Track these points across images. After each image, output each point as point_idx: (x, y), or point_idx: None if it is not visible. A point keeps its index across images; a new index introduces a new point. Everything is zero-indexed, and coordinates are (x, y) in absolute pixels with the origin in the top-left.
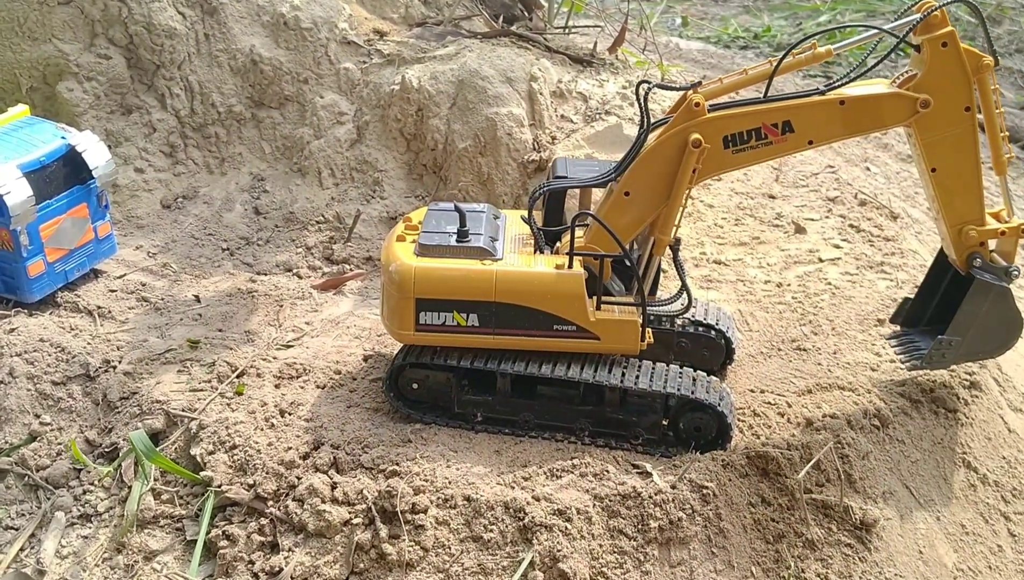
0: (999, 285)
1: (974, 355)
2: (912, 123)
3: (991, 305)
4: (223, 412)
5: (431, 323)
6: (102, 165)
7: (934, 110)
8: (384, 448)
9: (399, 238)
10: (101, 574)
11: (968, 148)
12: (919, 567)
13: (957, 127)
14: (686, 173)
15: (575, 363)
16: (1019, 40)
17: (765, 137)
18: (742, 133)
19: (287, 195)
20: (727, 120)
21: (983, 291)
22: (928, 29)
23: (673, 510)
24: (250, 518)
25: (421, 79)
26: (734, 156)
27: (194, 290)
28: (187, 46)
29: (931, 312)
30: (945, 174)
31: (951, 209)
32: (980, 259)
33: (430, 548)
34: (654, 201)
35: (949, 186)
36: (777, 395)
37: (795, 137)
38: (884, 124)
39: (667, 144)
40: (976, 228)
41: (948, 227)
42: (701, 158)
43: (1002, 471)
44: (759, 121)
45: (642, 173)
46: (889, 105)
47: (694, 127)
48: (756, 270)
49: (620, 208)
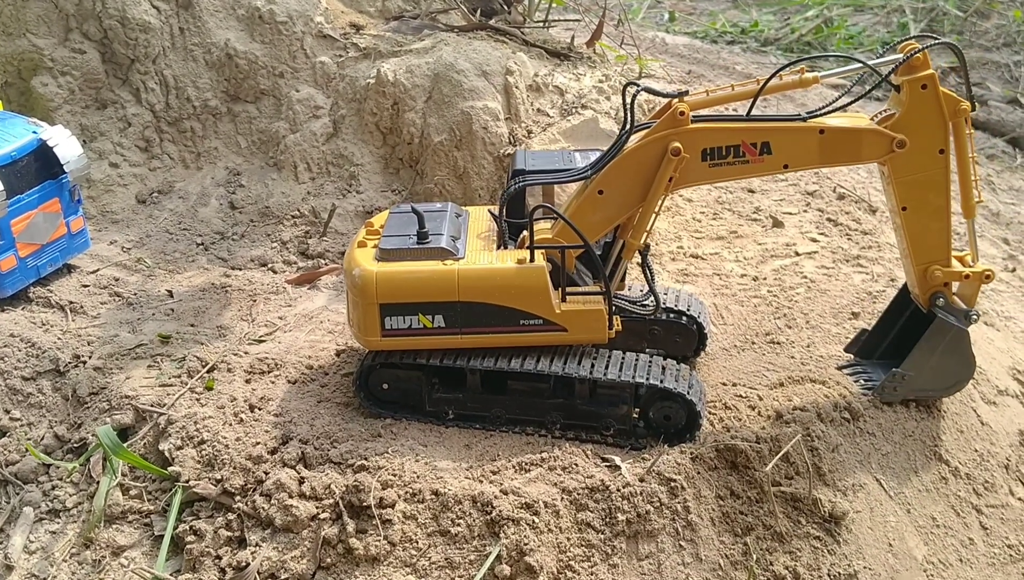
0: (958, 327)
1: (924, 392)
2: (887, 161)
3: (947, 345)
4: (192, 407)
5: (397, 327)
6: (74, 160)
7: (909, 150)
8: (353, 443)
9: (360, 244)
10: (69, 569)
11: (939, 190)
12: (889, 560)
13: (930, 169)
14: (663, 180)
15: (544, 357)
16: (1007, 34)
17: (743, 155)
18: (721, 148)
19: (263, 189)
20: (709, 133)
21: (942, 331)
22: (910, 70)
23: (641, 503)
24: (218, 513)
25: (397, 73)
26: (710, 169)
27: (168, 285)
28: (162, 40)
29: (886, 345)
30: (915, 213)
31: (918, 248)
32: (943, 299)
33: (397, 542)
34: (626, 203)
35: (918, 226)
36: (749, 388)
37: (772, 159)
38: (860, 158)
39: (647, 149)
40: (941, 268)
41: (914, 265)
42: (679, 167)
43: (974, 464)
44: (739, 138)
45: (618, 174)
46: (867, 140)
47: (676, 136)
48: (733, 264)
49: (592, 205)
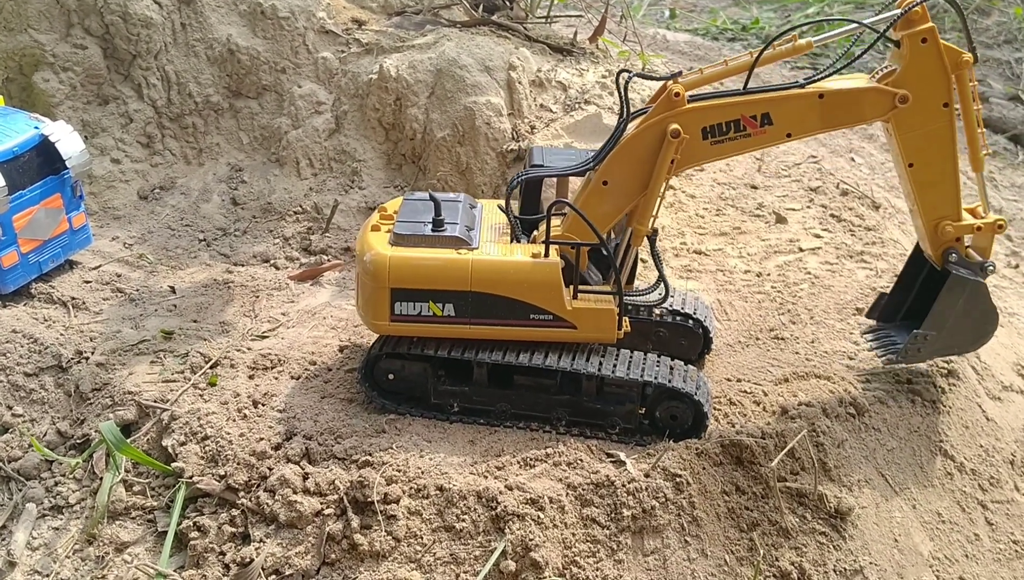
0: (974, 280)
1: (949, 349)
2: (890, 118)
3: (967, 300)
4: (195, 403)
5: (407, 313)
6: (76, 155)
7: (912, 105)
8: (357, 438)
9: (374, 228)
10: (72, 566)
11: (945, 144)
12: (894, 555)
13: (935, 123)
14: (664, 163)
15: (552, 352)
16: (1007, 31)
17: (744, 129)
18: (721, 124)
19: (265, 185)
20: (706, 111)
21: (959, 286)
22: (908, 25)
23: (646, 499)
24: (221, 509)
25: (399, 68)
26: (712, 147)
27: (170, 281)
28: (163, 36)
29: (907, 307)
30: (922, 169)
31: (927, 204)
32: (956, 254)
33: (402, 538)
34: (632, 191)
35: (926, 181)
36: (754, 384)
37: (774, 129)
38: (863, 118)
39: (646, 134)
40: (952, 224)
41: (924, 222)
42: (680, 149)
43: (979, 459)
44: (738, 113)
45: (620, 163)
46: (868, 99)
47: (673, 117)
48: (736, 260)
49: (598, 197)
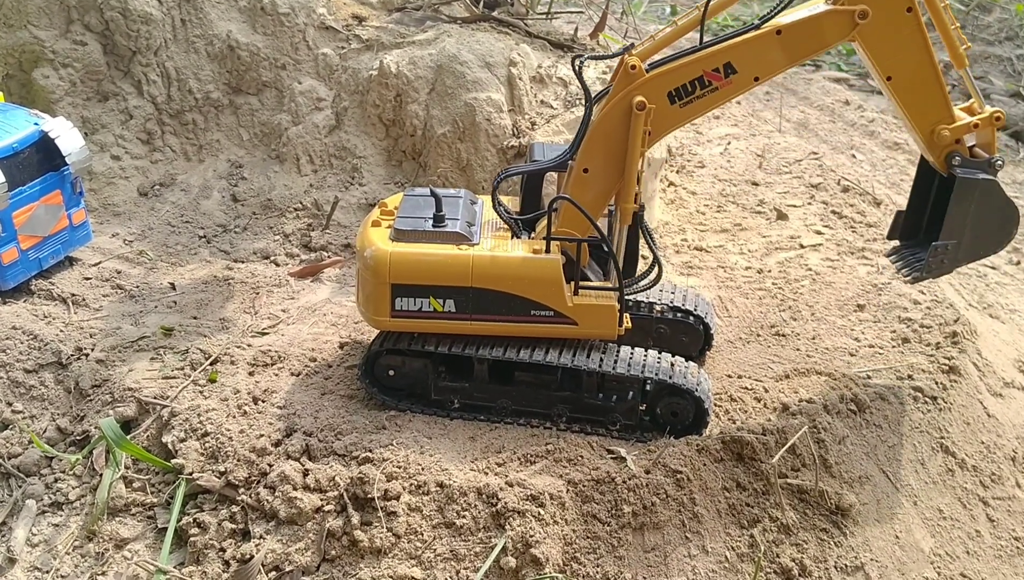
0: (984, 179)
1: (975, 255)
2: (855, 36)
3: (979, 201)
4: (195, 400)
5: (407, 309)
6: (76, 151)
7: (874, 18)
8: (357, 435)
9: (374, 223)
10: (72, 562)
11: (918, 49)
12: (895, 552)
13: (902, 30)
14: (636, 137)
15: (553, 348)
16: (1009, 28)
17: (709, 84)
18: (685, 85)
19: (265, 182)
20: (667, 76)
21: (968, 189)
22: None
23: (647, 495)
24: (221, 506)
25: (399, 64)
26: (683, 110)
27: (170, 278)
28: (163, 32)
29: (926, 220)
30: (901, 80)
31: (916, 113)
32: (959, 157)
33: (402, 535)
34: (613, 172)
35: (908, 91)
36: (754, 380)
37: (739, 77)
38: (826, 43)
39: (613, 113)
40: (947, 127)
41: (919, 132)
42: (649, 120)
43: (980, 456)
44: (699, 69)
45: (595, 147)
46: (827, 24)
47: (635, 90)
48: (737, 257)
49: (582, 186)
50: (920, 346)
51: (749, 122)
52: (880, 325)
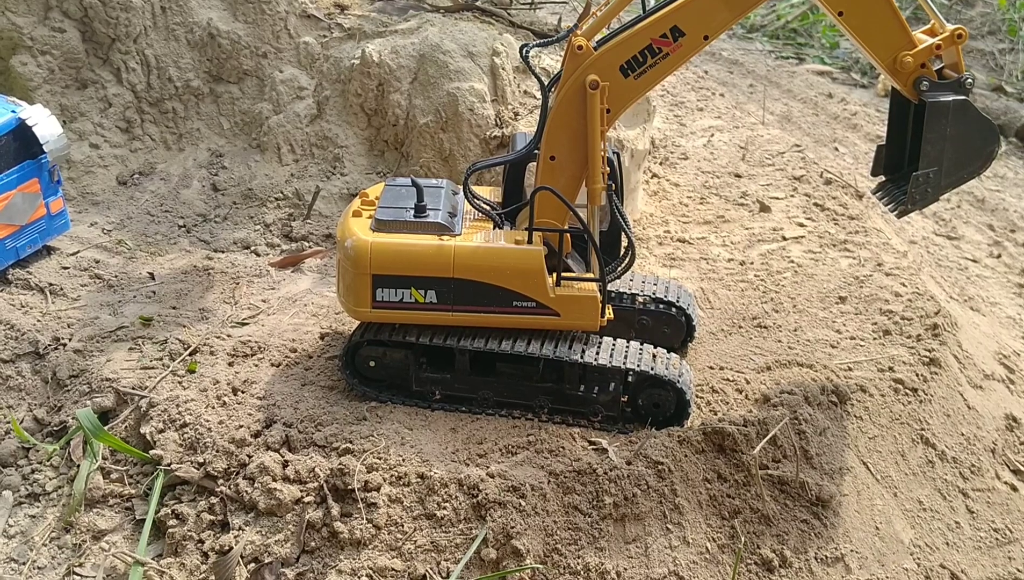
0: (955, 100)
1: (959, 179)
2: None
3: (953, 123)
4: (174, 390)
5: (388, 300)
6: (53, 139)
7: None
8: (338, 426)
9: (355, 213)
10: (49, 553)
11: None
12: (875, 543)
13: None
14: (595, 117)
15: (535, 339)
16: (991, 22)
17: (659, 51)
18: (636, 56)
19: (246, 171)
20: (615, 50)
21: (940, 112)
22: None
23: (628, 486)
24: (200, 497)
25: (382, 53)
26: (638, 82)
27: (149, 267)
28: (143, 19)
29: (908, 152)
30: (854, 12)
31: (875, 44)
32: (927, 82)
33: (383, 526)
34: (579, 157)
35: (862, 22)
36: (736, 372)
37: (688, 40)
38: None
39: (568, 97)
40: (909, 53)
41: (882, 63)
42: (605, 97)
43: (961, 448)
44: (647, 38)
45: (557, 133)
46: None
47: (586, 70)
48: (720, 249)
49: (551, 174)
50: (901, 338)
51: (732, 114)
52: (861, 317)
